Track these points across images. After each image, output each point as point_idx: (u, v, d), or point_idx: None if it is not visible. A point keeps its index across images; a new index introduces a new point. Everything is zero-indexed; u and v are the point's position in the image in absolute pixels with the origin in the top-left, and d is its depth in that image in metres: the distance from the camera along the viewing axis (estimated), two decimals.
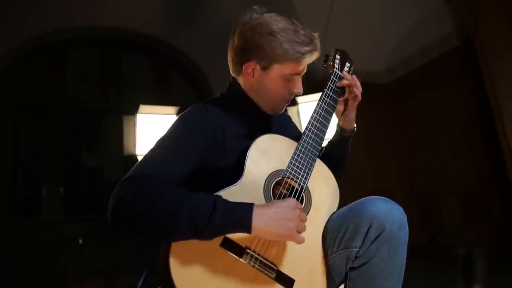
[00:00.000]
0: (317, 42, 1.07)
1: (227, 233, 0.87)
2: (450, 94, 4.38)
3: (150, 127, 3.37)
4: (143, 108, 3.40)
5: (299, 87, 1.11)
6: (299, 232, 0.89)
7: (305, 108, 3.39)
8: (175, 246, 0.85)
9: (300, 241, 0.89)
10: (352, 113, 1.20)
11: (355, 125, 1.22)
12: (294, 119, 2.12)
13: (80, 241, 4.45)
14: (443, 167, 4.46)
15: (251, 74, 1.09)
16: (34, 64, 5.10)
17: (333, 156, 1.25)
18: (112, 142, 5.06)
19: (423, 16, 4.42)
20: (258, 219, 0.85)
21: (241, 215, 0.85)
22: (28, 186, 4.89)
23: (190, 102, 1.10)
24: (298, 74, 1.09)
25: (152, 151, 0.98)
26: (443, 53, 4.47)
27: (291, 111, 3.41)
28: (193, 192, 0.86)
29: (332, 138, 1.28)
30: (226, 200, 0.87)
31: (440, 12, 4.28)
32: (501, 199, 3.82)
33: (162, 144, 0.99)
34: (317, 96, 2.27)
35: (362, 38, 4.54)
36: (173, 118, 3.61)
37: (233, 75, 1.16)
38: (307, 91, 1.36)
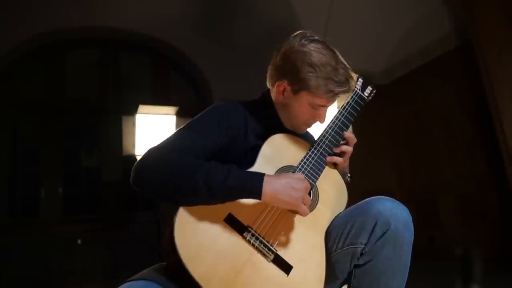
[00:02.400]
0: (352, 83, 1.12)
1: (239, 197, 0.93)
2: (449, 95, 4.38)
3: (149, 127, 3.36)
4: (142, 108, 3.41)
5: (323, 117, 1.16)
6: (304, 204, 0.94)
7: None
8: (182, 214, 0.91)
9: (305, 212, 0.94)
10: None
11: (349, 175, 1.23)
12: None
13: (79, 242, 4.45)
14: (442, 168, 4.46)
15: (282, 92, 1.15)
16: (33, 64, 5.09)
17: None
18: (111, 143, 5.05)
19: (422, 16, 4.43)
20: (268, 185, 0.92)
21: (253, 179, 0.92)
22: (26, 187, 4.88)
23: (189, 103, 1.12)
24: (325, 106, 1.13)
25: (179, 130, 1.07)
26: (442, 53, 4.47)
27: None
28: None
29: None
30: (239, 168, 0.95)
31: (439, 13, 4.29)
32: (500, 200, 3.82)
33: (189, 126, 1.08)
34: None
35: (361, 39, 4.54)
36: (172, 119, 3.61)
37: (268, 86, 1.22)
38: None
